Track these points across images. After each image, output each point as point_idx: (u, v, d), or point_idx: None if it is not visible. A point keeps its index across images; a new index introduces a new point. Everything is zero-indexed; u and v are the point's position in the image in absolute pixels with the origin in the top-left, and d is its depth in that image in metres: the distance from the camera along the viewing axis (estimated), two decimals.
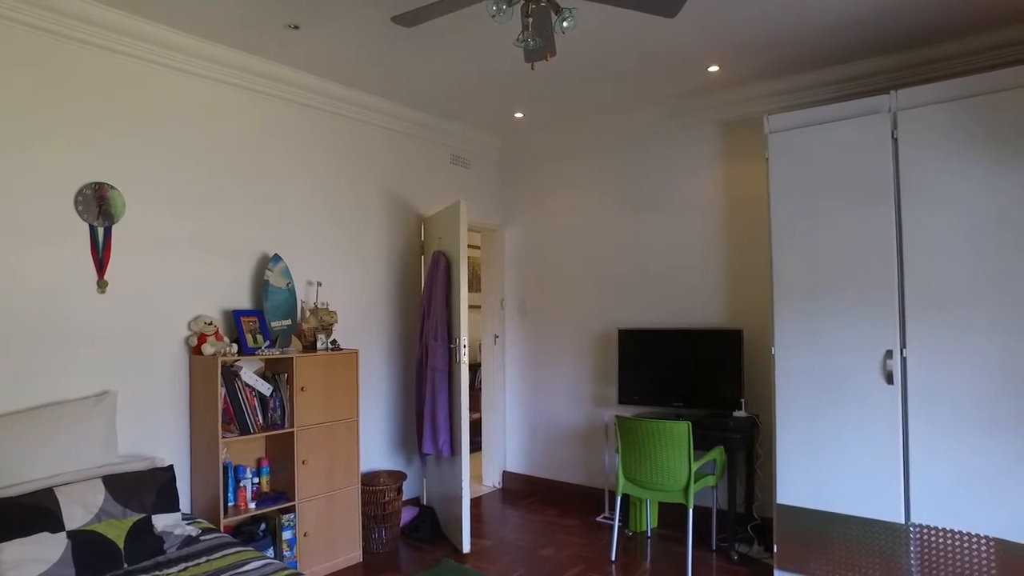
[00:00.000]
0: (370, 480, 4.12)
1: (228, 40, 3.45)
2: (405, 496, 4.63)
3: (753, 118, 4.22)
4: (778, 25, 3.30)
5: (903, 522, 3.04)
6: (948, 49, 3.51)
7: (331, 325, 4.03)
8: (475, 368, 6.56)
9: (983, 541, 2.85)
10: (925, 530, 2.98)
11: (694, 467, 3.55)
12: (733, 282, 4.28)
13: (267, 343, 3.60)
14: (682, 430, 3.52)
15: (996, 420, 2.84)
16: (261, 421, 3.50)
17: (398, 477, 4.23)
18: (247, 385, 3.45)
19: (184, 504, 3.38)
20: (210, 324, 3.41)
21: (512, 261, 5.50)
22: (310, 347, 3.87)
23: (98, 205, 3.10)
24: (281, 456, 3.63)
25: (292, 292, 3.84)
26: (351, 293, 4.33)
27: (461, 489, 3.97)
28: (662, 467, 3.60)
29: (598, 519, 4.60)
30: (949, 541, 2.92)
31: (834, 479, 3.21)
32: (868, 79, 3.75)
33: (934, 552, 2.96)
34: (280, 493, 3.60)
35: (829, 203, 3.29)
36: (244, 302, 3.71)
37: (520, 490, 5.34)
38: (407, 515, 4.36)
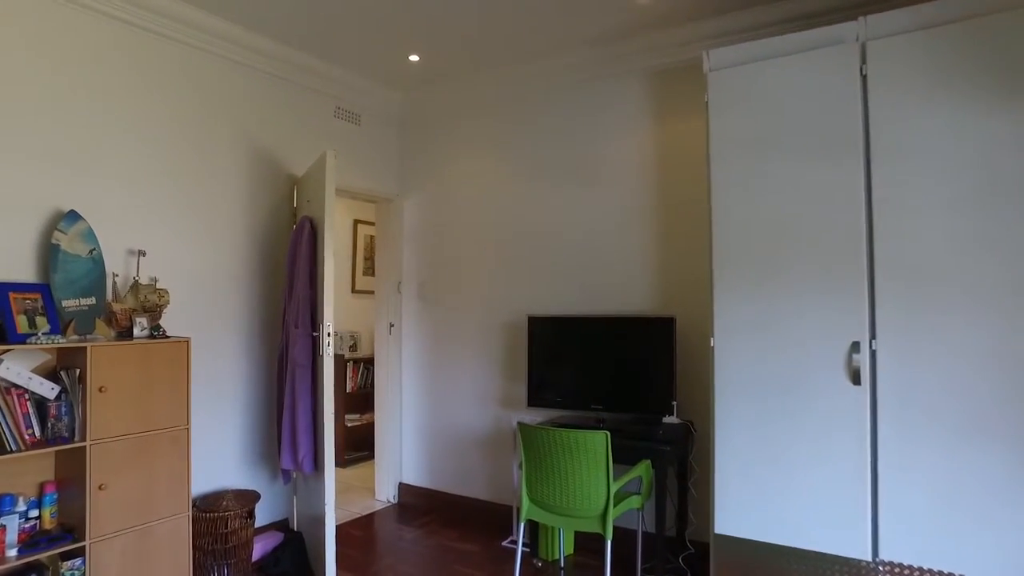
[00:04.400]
0: (209, 504, 3.23)
1: None
2: (269, 519, 3.76)
3: (690, 65, 3.54)
4: None
5: (870, 559, 2.40)
6: None
7: (159, 307, 3.12)
8: (369, 362, 5.71)
9: None
10: (897, 569, 2.35)
11: (614, 487, 2.83)
12: (666, 261, 3.60)
13: (51, 328, 2.68)
14: (598, 442, 2.80)
15: (987, 429, 2.23)
16: (37, 433, 2.57)
17: (248, 498, 3.35)
18: (14, 385, 2.52)
19: None
20: None
21: (411, 238, 4.68)
22: (126, 334, 2.96)
23: None
24: (76, 479, 2.72)
25: (98, 262, 2.92)
26: (196, 269, 3.42)
27: (324, 513, 3.14)
28: (574, 488, 2.87)
29: (504, 543, 3.86)
30: None
31: (785, 503, 2.56)
32: (830, 16, 3.11)
33: None
34: (69, 530, 2.69)
35: (782, 158, 2.62)
36: (25, 273, 2.77)
37: (418, 506, 4.54)
38: (265, 545, 3.50)
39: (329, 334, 3.12)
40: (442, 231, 4.51)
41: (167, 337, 3.00)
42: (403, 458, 4.67)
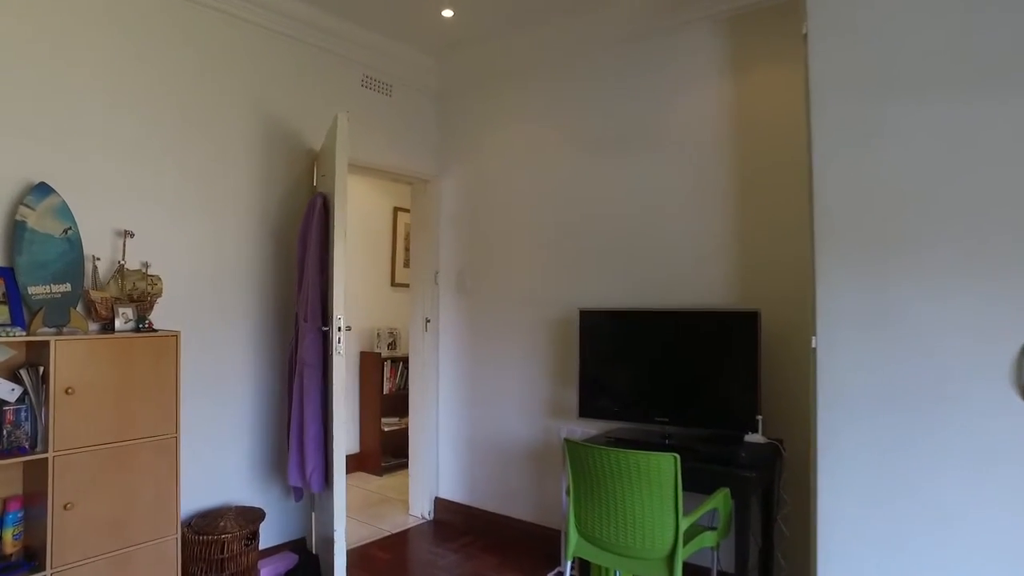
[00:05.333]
0: (206, 525, 2.80)
1: None
2: (283, 538, 3.32)
3: (772, 4, 2.90)
4: None
5: None
6: None
7: (150, 297, 2.71)
8: (404, 362, 5.24)
9: None
10: None
11: (684, 523, 2.24)
12: (746, 242, 2.97)
13: (12, 319, 2.28)
14: (665, 467, 2.21)
15: None
16: None
17: (252, 517, 2.90)
18: None
19: None
20: None
21: (450, 222, 4.17)
22: (109, 326, 2.56)
23: None
24: (42, 496, 2.31)
25: (75, 244, 2.52)
26: (197, 254, 3.00)
27: (334, 537, 2.66)
28: (634, 522, 2.29)
29: None
30: None
31: (923, 559, 1.91)
32: None
33: None
34: (32, 556, 2.29)
35: (914, 98, 1.97)
36: None
37: (455, 525, 4.03)
38: (275, 569, 3.05)
39: (340, 329, 2.63)
40: (483, 214, 3.99)
41: (154, 331, 2.58)
42: (440, 470, 4.17)
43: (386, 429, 5.17)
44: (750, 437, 2.61)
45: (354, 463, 5.20)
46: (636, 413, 2.98)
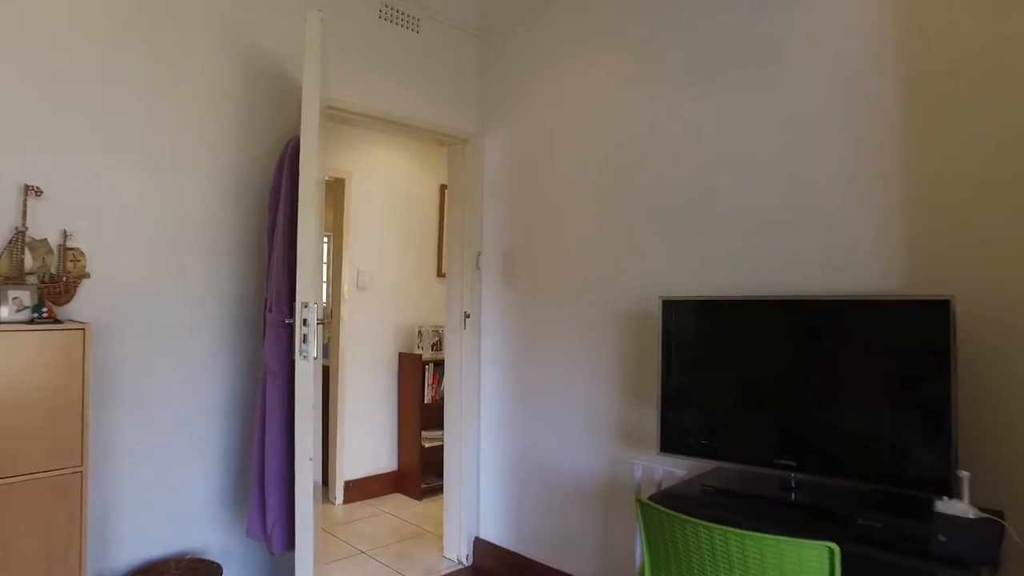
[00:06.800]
0: None
1: None
2: None
3: None
4: None
5: None
6: None
7: (71, 278, 1.99)
8: (438, 365, 4.41)
9: None
10: None
11: None
12: (924, 202, 1.95)
13: None
14: (811, 563, 1.27)
15: None
16: None
17: (204, 574, 2.13)
18: None
19: None
20: None
21: (495, 192, 3.31)
22: None
23: None
24: None
25: None
26: (147, 223, 2.27)
27: None
28: None
29: None
30: None
31: None
32: None
33: None
34: None
35: None
36: None
37: (498, 574, 3.17)
38: None
39: (307, 322, 1.82)
40: (537, 178, 3.10)
41: (56, 322, 1.85)
42: (481, 504, 3.31)
43: (427, 445, 4.36)
44: (945, 505, 1.61)
45: (391, 483, 4.44)
46: (746, 450, 2.02)
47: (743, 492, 1.90)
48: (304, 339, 1.80)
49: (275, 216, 2.15)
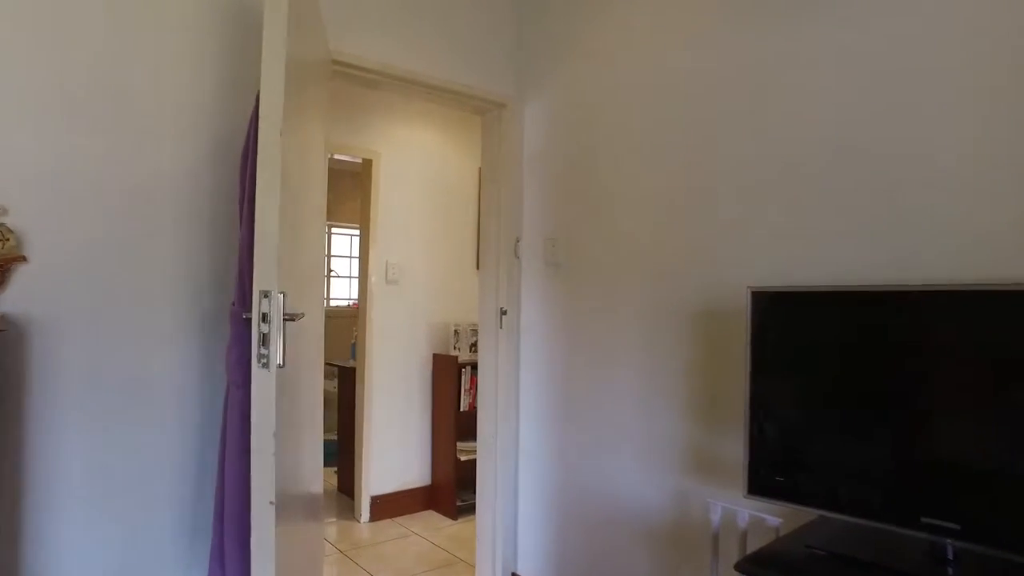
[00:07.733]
0: None
1: None
2: None
3: None
4: None
5: None
6: None
7: (1, 261, 1.58)
8: (472, 368, 3.90)
9: None
10: None
11: None
12: None
13: None
14: None
15: None
16: None
17: None
18: None
19: None
20: None
21: (537, 167, 2.80)
22: None
23: None
24: None
25: None
26: (100, 196, 1.85)
27: None
28: None
29: None
30: None
31: None
32: None
33: None
34: None
35: None
36: None
37: None
38: None
39: (268, 317, 1.35)
40: (586, 150, 2.57)
41: None
42: (519, 534, 2.81)
43: (463, 458, 3.88)
44: None
45: (423, 499, 3.98)
46: (875, 503, 1.45)
47: (873, 562, 1.34)
48: (263, 341, 1.33)
49: (244, 185, 1.70)
